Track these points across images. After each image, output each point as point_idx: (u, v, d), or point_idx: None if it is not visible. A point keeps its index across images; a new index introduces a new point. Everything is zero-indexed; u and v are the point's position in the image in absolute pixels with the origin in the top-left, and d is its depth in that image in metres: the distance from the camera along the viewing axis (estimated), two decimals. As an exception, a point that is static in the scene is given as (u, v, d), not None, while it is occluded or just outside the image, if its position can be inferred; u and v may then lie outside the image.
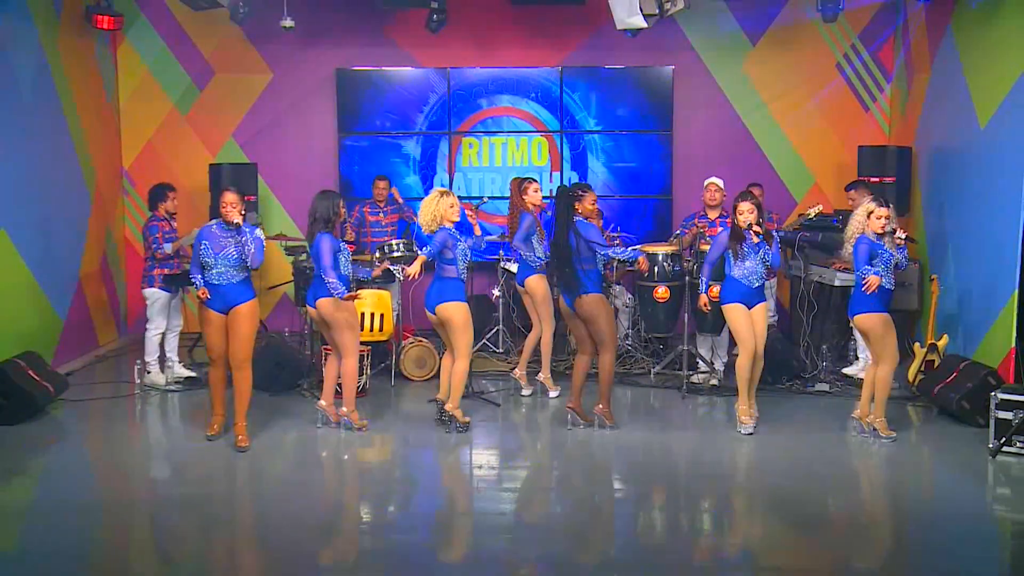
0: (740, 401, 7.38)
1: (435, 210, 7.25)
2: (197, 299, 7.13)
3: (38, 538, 5.59)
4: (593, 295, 7.22)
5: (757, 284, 7.33)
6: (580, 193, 7.37)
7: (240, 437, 7.02)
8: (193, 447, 7.11)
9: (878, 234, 7.04)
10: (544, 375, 8.41)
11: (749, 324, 7.28)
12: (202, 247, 6.97)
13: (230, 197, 6.92)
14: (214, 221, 7.09)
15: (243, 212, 6.94)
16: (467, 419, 7.42)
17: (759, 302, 7.36)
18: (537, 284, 8.23)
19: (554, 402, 8.22)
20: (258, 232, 7.02)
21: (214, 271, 6.94)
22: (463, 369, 7.33)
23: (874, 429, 7.15)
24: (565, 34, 10.93)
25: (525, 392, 8.39)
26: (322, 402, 7.45)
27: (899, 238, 7.05)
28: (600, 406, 7.41)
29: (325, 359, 7.66)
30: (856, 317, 7.13)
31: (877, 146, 10.27)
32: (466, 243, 7.31)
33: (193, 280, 7.06)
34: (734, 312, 7.30)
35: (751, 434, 7.25)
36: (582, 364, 7.45)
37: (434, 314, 7.31)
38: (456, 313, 7.24)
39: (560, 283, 7.42)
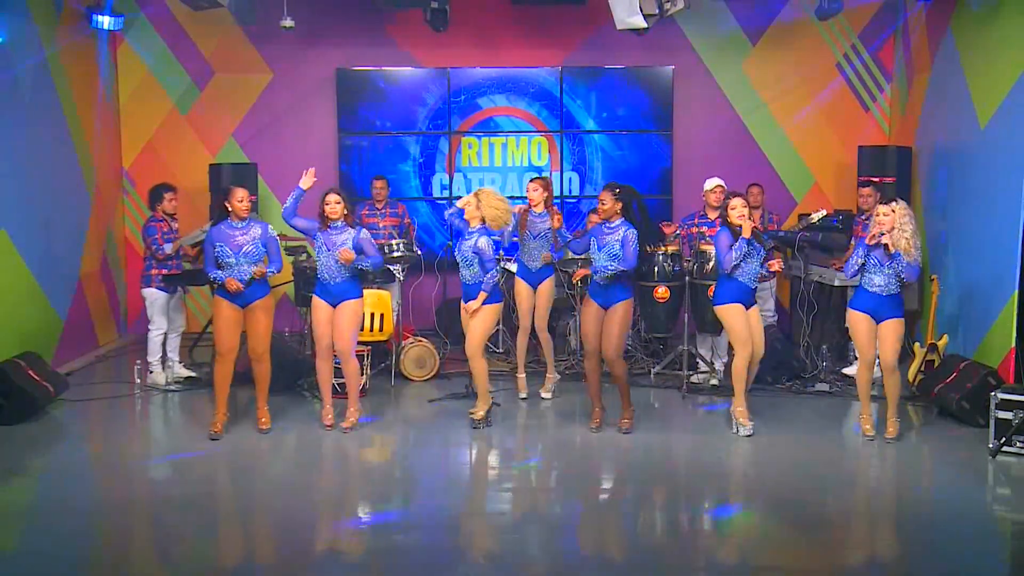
0: (738, 403, 7.31)
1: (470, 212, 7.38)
2: (215, 291, 7.27)
3: (38, 538, 5.59)
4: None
5: (754, 285, 7.33)
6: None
7: (263, 419, 7.34)
8: (193, 447, 7.11)
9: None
10: (520, 375, 8.43)
11: (747, 324, 7.26)
12: (217, 249, 7.06)
13: (241, 193, 7.10)
14: (222, 221, 7.13)
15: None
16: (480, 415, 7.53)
17: (754, 303, 7.36)
18: (516, 284, 8.28)
19: (554, 402, 8.24)
20: (271, 230, 7.21)
21: (235, 269, 7.03)
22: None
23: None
24: (565, 34, 10.93)
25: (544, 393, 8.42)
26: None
27: (886, 244, 6.96)
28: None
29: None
30: None
31: (877, 146, 10.28)
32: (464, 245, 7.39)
33: (212, 276, 7.12)
34: (733, 312, 7.24)
35: (751, 435, 7.25)
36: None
37: None
38: None
39: None
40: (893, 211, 6.92)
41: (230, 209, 7.07)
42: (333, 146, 10.98)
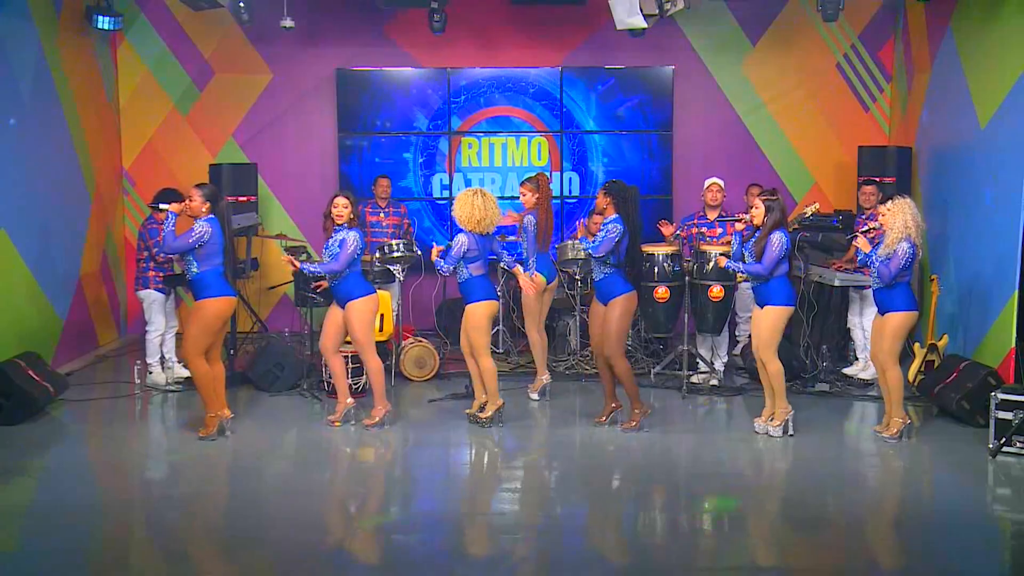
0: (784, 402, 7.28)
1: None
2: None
3: (38, 538, 5.59)
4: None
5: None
6: None
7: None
8: (193, 447, 7.10)
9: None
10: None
11: None
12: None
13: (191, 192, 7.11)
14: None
15: (186, 205, 7.05)
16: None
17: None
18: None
19: (554, 402, 8.24)
20: (169, 224, 7.03)
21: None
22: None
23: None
24: (565, 34, 10.93)
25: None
26: (350, 400, 7.52)
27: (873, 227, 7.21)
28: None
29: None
30: None
31: (877, 146, 10.28)
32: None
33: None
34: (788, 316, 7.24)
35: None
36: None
37: None
38: None
39: None
40: (889, 209, 6.98)
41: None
42: (333, 146, 10.97)
